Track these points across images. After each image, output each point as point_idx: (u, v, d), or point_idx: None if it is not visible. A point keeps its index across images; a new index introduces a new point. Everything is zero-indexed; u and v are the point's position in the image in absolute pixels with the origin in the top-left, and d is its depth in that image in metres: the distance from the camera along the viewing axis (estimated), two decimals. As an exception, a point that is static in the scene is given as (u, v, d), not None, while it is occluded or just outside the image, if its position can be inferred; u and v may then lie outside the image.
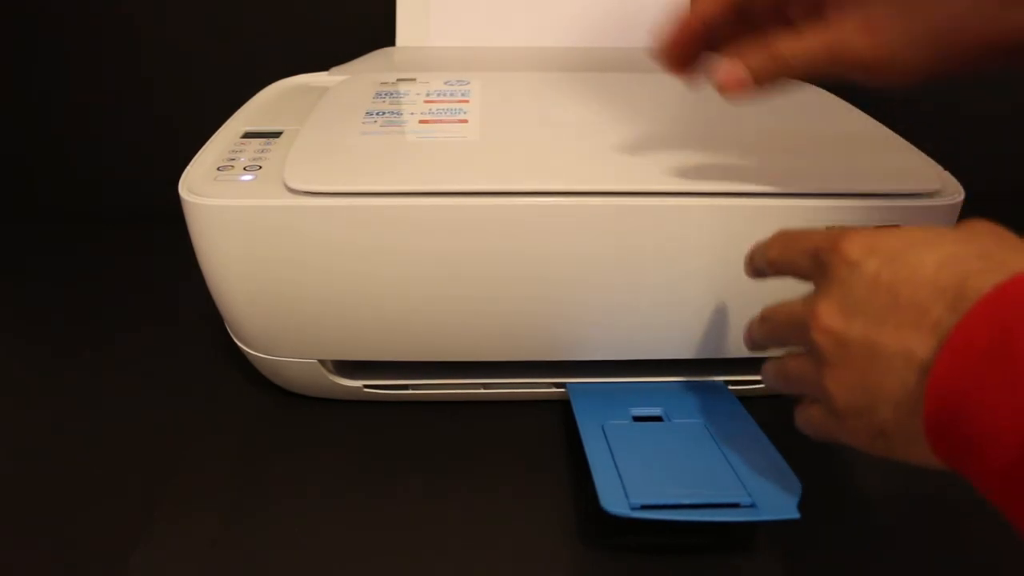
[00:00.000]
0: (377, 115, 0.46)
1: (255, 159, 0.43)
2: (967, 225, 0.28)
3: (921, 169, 0.42)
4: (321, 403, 0.49)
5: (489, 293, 0.42)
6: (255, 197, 0.39)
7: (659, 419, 0.44)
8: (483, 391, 0.48)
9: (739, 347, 0.45)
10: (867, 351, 0.26)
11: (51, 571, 0.38)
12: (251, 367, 0.48)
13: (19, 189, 0.78)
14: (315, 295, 0.42)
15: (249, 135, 0.47)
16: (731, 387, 0.47)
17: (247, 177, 0.41)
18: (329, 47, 0.64)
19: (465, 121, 0.45)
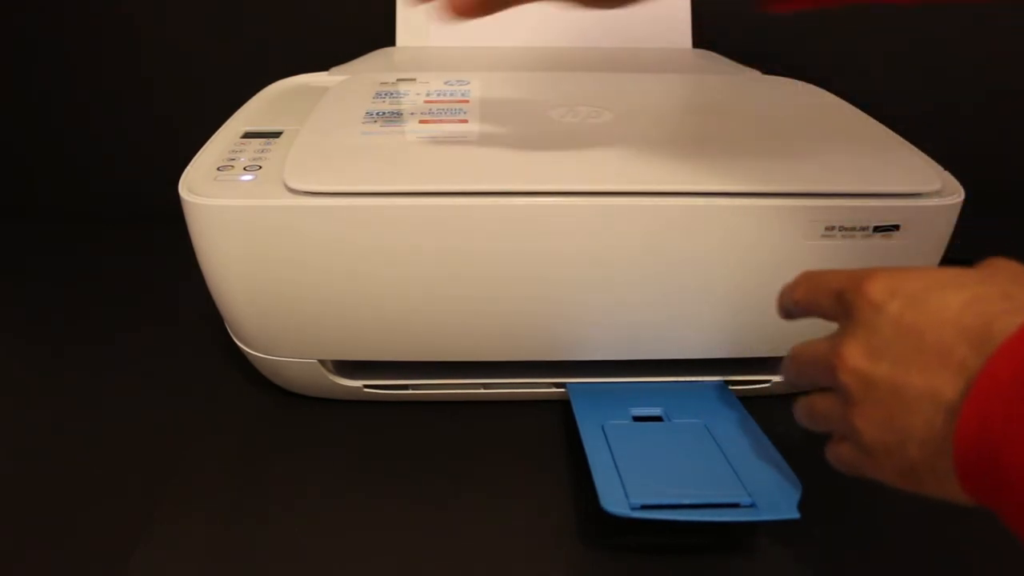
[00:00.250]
0: (377, 115, 0.46)
1: (255, 159, 0.43)
2: (988, 264, 0.28)
3: (921, 169, 0.42)
4: (321, 403, 0.49)
5: (489, 293, 0.42)
6: (255, 197, 0.39)
7: (659, 419, 0.44)
8: (483, 391, 0.48)
9: (739, 347, 0.46)
10: (893, 392, 0.27)
11: (51, 571, 0.38)
12: (251, 367, 0.48)
13: (19, 189, 0.78)
14: (315, 295, 0.42)
15: (249, 135, 0.47)
16: (731, 387, 0.47)
17: (247, 177, 0.41)
18: (329, 47, 0.64)
19: (465, 121, 0.45)
